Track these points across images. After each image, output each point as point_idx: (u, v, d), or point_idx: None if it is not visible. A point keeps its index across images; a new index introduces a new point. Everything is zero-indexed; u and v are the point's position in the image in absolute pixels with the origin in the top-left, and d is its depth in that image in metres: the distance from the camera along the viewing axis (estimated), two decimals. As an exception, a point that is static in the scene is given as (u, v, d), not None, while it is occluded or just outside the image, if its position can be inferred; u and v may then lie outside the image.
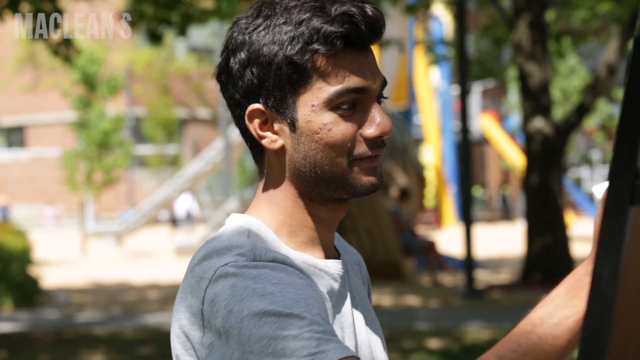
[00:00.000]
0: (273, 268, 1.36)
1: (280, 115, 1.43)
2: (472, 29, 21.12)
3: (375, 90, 1.43)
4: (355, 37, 1.39)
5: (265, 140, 1.44)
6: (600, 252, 1.02)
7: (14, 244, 13.33)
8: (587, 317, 1.01)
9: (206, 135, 38.06)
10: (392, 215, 14.98)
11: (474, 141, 31.42)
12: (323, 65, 1.40)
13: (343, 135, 1.40)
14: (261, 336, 1.28)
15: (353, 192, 1.44)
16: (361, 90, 1.41)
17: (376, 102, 1.44)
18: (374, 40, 1.43)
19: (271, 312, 1.29)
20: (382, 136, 1.43)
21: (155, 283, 14.98)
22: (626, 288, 1.02)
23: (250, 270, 1.34)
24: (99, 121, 22.84)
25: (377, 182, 1.45)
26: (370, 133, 1.42)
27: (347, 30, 1.39)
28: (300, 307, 1.31)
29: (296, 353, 1.27)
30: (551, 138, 13.25)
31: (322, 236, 1.48)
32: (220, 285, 1.34)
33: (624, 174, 1.02)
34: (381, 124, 1.42)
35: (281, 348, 1.27)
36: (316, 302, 1.35)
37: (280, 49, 1.40)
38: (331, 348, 1.28)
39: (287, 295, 1.32)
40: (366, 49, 1.43)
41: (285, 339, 1.28)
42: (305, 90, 1.41)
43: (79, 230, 23.85)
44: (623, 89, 1.03)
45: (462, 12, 13.29)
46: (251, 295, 1.31)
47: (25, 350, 9.20)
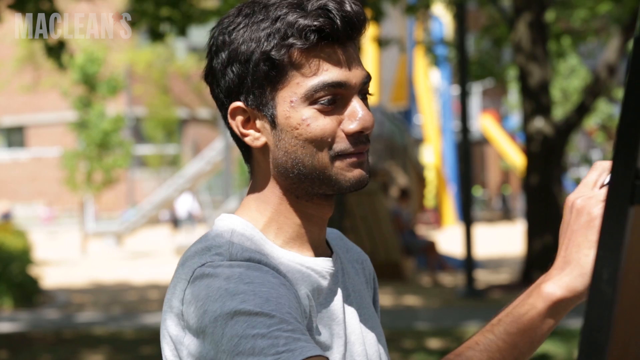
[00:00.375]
0: (248, 267, 1.37)
1: (261, 112, 1.43)
2: (472, 29, 21.12)
3: (356, 85, 1.43)
4: (330, 30, 1.39)
5: (248, 138, 1.45)
6: (600, 252, 1.02)
7: (14, 244, 13.32)
8: (587, 317, 1.01)
9: (206, 135, 38.06)
10: (392, 215, 14.98)
11: (474, 141, 31.41)
12: (299, 60, 1.40)
13: (322, 130, 1.40)
14: (232, 335, 1.30)
15: (338, 187, 1.44)
16: (339, 84, 1.41)
17: (357, 97, 1.43)
18: (353, 35, 1.42)
19: (242, 311, 1.31)
20: (364, 131, 1.42)
21: (155, 283, 14.98)
22: (626, 288, 1.02)
23: (225, 270, 1.36)
24: (99, 121, 22.84)
25: (364, 176, 1.44)
26: (351, 128, 1.42)
27: (322, 23, 1.39)
28: (270, 305, 1.32)
29: (264, 351, 1.28)
30: (551, 138, 13.25)
31: (310, 233, 1.48)
32: (197, 285, 1.36)
33: (624, 174, 1.02)
34: (362, 119, 1.42)
35: (250, 347, 1.29)
36: (288, 300, 1.36)
37: (258, 45, 1.41)
38: (299, 347, 1.29)
39: (259, 294, 1.33)
40: (345, 44, 1.42)
41: (254, 337, 1.29)
42: (283, 86, 1.41)
43: (79, 230, 23.85)
44: (623, 89, 1.03)
45: (462, 12, 13.30)
46: (224, 295, 1.32)
47: (25, 350, 9.20)
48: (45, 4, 9.22)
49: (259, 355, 1.28)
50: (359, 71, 1.43)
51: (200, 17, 11.28)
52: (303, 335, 1.32)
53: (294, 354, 1.28)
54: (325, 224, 1.50)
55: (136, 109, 36.93)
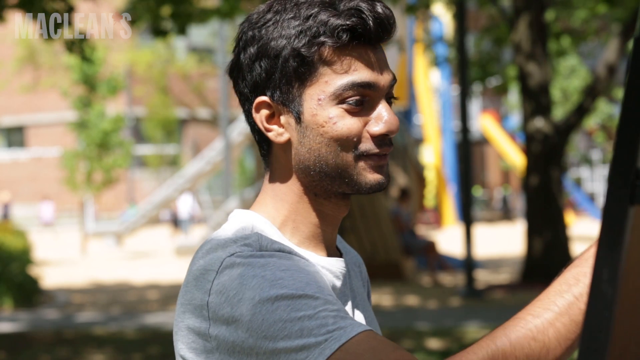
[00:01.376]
0: (280, 257, 1.36)
1: (287, 108, 1.43)
2: (472, 29, 21.12)
3: (384, 87, 1.43)
4: (363, 31, 1.40)
5: (271, 134, 1.45)
6: (600, 252, 1.02)
7: (14, 244, 13.32)
8: (587, 317, 1.01)
9: (206, 135, 38.06)
10: (392, 215, 14.97)
11: (474, 141, 31.42)
12: (329, 59, 1.41)
13: (348, 130, 1.40)
14: (275, 320, 1.28)
15: (357, 188, 1.44)
16: (368, 85, 1.41)
17: (384, 100, 1.44)
18: (383, 37, 1.43)
19: (283, 295, 1.29)
20: (389, 134, 1.43)
21: (155, 283, 14.98)
22: (626, 288, 1.02)
23: (258, 260, 1.34)
24: (99, 121, 22.84)
25: (384, 181, 1.44)
26: (376, 130, 1.42)
27: (354, 23, 1.39)
28: (312, 288, 1.31)
29: (314, 332, 1.27)
30: (551, 138, 13.25)
31: (325, 233, 1.48)
32: (227, 275, 1.33)
33: (624, 174, 1.02)
34: (388, 122, 1.42)
35: (298, 329, 1.27)
36: (326, 285, 1.36)
37: (288, 42, 1.41)
38: (348, 324, 1.28)
39: (298, 279, 1.32)
40: (375, 46, 1.43)
41: (301, 319, 1.28)
42: (311, 83, 1.41)
43: (79, 230, 23.85)
44: (623, 89, 1.03)
45: (462, 12, 13.29)
46: (261, 282, 1.31)
47: (25, 350, 9.20)
48: (58, 3, 9.26)
49: (309, 336, 1.27)
50: (387, 74, 1.44)
51: (200, 16, 11.28)
52: (347, 314, 1.31)
53: (345, 331, 1.27)
54: (339, 224, 1.50)
55: (136, 109, 36.93)
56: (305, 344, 1.27)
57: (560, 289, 1.27)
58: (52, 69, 30.47)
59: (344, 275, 1.48)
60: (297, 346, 1.27)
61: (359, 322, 1.30)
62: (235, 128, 26.00)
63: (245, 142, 26.21)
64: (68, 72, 24.02)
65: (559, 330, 1.25)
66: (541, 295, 1.29)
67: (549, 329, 1.25)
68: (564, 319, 1.25)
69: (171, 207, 27.01)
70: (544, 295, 1.28)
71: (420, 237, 15.83)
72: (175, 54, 34.95)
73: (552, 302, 1.26)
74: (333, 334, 1.26)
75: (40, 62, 31.19)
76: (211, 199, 32.15)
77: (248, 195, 24.87)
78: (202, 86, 34.96)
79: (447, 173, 29.40)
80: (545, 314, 1.26)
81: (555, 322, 1.25)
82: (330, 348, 1.26)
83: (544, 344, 1.25)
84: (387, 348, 1.28)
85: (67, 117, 28.89)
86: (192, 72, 34.59)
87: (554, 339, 1.25)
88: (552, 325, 1.25)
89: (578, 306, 1.25)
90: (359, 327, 1.28)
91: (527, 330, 1.25)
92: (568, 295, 1.26)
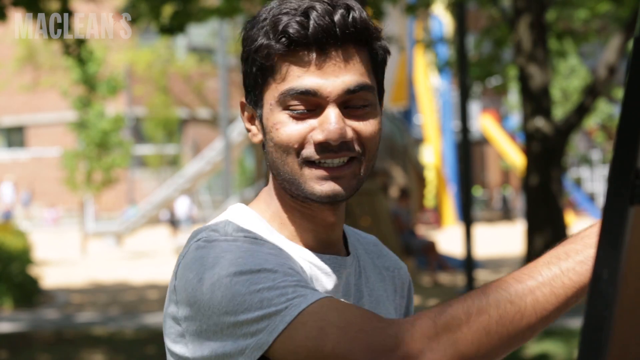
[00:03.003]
0: (244, 241, 1.37)
1: (255, 111, 1.47)
2: (472, 30, 21.11)
3: (332, 94, 1.40)
4: (300, 37, 1.38)
5: (250, 134, 1.49)
6: (600, 252, 1.02)
7: (14, 244, 13.32)
8: (587, 317, 1.01)
9: (206, 135, 38.04)
10: (392, 215, 14.97)
11: (474, 141, 31.40)
12: (278, 65, 1.41)
13: (287, 137, 1.40)
14: (234, 294, 1.29)
15: (308, 197, 1.43)
16: (308, 92, 1.39)
17: (334, 106, 1.40)
18: (329, 42, 1.39)
19: (241, 272, 1.30)
20: (329, 142, 1.40)
21: (155, 283, 14.98)
22: (626, 288, 1.01)
23: (220, 243, 1.36)
24: (98, 121, 22.83)
25: (333, 192, 1.41)
26: (316, 137, 1.40)
27: (294, 30, 1.38)
28: (270, 263, 1.32)
29: (274, 302, 1.27)
30: (551, 138, 13.24)
31: (316, 232, 1.47)
32: (189, 258, 1.36)
33: (624, 174, 1.02)
34: (327, 130, 1.39)
35: (257, 300, 1.28)
36: (290, 262, 1.36)
37: (251, 48, 1.43)
38: (309, 292, 1.29)
39: (257, 257, 1.33)
40: (326, 51, 1.40)
41: (260, 291, 1.28)
42: (267, 88, 1.43)
43: (79, 230, 23.84)
44: (623, 89, 1.03)
45: (462, 12, 13.29)
46: (220, 262, 1.32)
47: (25, 350, 9.19)
48: (56, 4, 9.26)
49: (269, 306, 1.27)
50: (343, 79, 1.40)
51: (200, 16, 11.27)
52: (309, 284, 1.32)
53: (305, 298, 1.27)
54: (335, 226, 1.49)
55: (136, 109, 36.92)
56: (266, 313, 1.27)
57: (549, 260, 1.28)
58: (52, 68, 30.45)
59: (336, 271, 1.47)
60: (258, 316, 1.27)
61: (320, 291, 1.30)
62: (235, 128, 25.99)
63: (245, 142, 26.20)
64: (68, 72, 23.99)
65: (538, 299, 1.25)
66: (530, 263, 1.29)
67: (527, 296, 1.25)
68: (545, 289, 1.25)
69: (169, 208, 27.01)
70: (532, 264, 1.29)
71: (420, 237, 15.83)
72: (175, 54, 34.94)
73: (537, 272, 1.27)
74: (293, 302, 1.27)
75: (40, 62, 31.17)
76: (211, 199, 32.13)
77: (248, 195, 24.87)
78: (202, 86, 34.95)
79: (447, 173, 29.39)
80: (528, 281, 1.26)
81: (536, 291, 1.25)
82: (290, 315, 1.26)
83: (520, 309, 1.25)
84: (351, 307, 1.29)
85: (67, 117, 28.88)
86: (192, 72, 34.58)
87: (530, 306, 1.25)
88: (531, 293, 1.25)
89: (562, 280, 1.26)
90: (320, 295, 1.29)
91: (507, 293, 1.25)
92: (555, 267, 1.27)
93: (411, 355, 1.22)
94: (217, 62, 29.19)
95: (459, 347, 1.23)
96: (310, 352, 1.25)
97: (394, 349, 1.23)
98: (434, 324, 1.24)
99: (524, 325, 1.25)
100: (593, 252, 1.24)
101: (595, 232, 1.27)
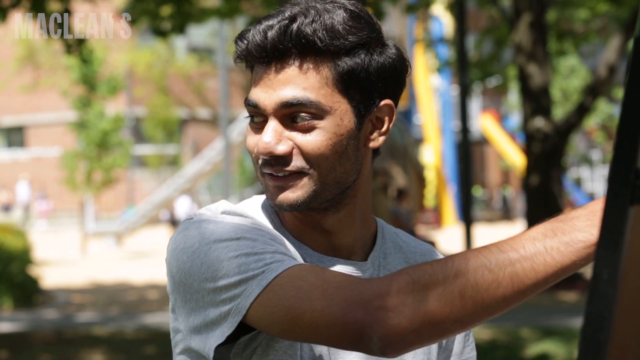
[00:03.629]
0: (233, 217, 1.40)
1: None
2: (473, 30, 21.11)
3: (267, 106, 1.40)
4: (240, 52, 1.42)
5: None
6: (600, 252, 1.02)
7: (14, 244, 13.31)
8: (587, 317, 1.01)
9: (206, 135, 38.04)
10: (392, 215, 14.96)
11: (474, 141, 31.41)
12: (250, 75, 1.45)
13: (248, 145, 1.44)
14: (212, 261, 1.31)
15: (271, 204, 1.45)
16: (250, 103, 1.42)
17: (274, 119, 1.40)
18: (269, 56, 1.39)
19: (221, 239, 1.33)
20: (259, 155, 1.41)
21: (155, 283, 14.98)
22: (626, 288, 1.01)
23: (209, 219, 1.39)
24: (98, 121, 22.82)
25: (285, 202, 1.40)
26: (254, 149, 1.44)
27: (238, 45, 1.42)
28: (251, 233, 1.34)
29: (251, 267, 1.29)
30: (551, 138, 13.24)
31: (317, 235, 1.46)
32: (180, 233, 1.39)
33: (624, 174, 1.02)
34: (259, 142, 1.40)
35: (235, 265, 1.30)
36: (273, 237, 1.37)
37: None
38: (286, 259, 1.31)
39: (240, 228, 1.35)
40: (270, 64, 1.40)
41: (238, 257, 1.30)
42: None
43: (79, 230, 23.85)
44: (623, 89, 1.03)
45: (462, 12, 13.29)
46: (203, 233, 1.35)
47: (25, 350, 9.19)
48: (56, 4, 9.27)
49: (246, 271, 1.29)
50: (276, 93, 1.39)
51: (200, 16, 11.27)
52: (289, 253, 1.34)
53: (283, 263, 1.29)
54: (334, 233, 1.46)
55: (136, 109, 36.92)
56: (244, 278, 1.29)
57: (534, 235, 1.28)
58: (52, 69, 30.45)
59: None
60: (236, 281, 1.29)
61: (300, 261, 1.33)
62: (235, 128, 25.99)
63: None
64: (68, 72, 23.99)
65: (517, 272, 1.25)
66: (517, 235, 1.30)
67: (507, 267, 1.25)
68: (525, 263, 1.25)
69: (169, 208, 27.01)
70: (518, 236, 1.29)
71: (420, 237, 15.82)
72: (175, 54, 34.95)
73: (521, 245, 1.27)
74: (270, 266, 1.29)
75: (40, 62, 31.17)
76: (211, 199, 32.12)
77: (248, 195, 24.86)
78: (202, 86, 34.95)
79: (447, 173, 29.40)
80: (510, 253, 1.26)
81: (516, 263, 1.25)
82: (266, 279, 1.28)
83: (497, 278, 1.25)
84: (332, 271, 1.31)
85: (67, 117, 28.88)
86: (192, 72, 34.58)
87: (508, 277, 1.25)
88: (511, 265, 1.25)
89: (544, 257, 1.26)
90: (299, 262, 1.31)
91: (487, 260, 1.25)
92: (539, 244, 1.27)
93: (386, 307, 1.24)
94: (217, 62, 29.20)
95: (431, 305, 1.24)
96: (288, 311, 1.26)
97: (371, 300, 1.25)
98: (412, 281, 1.25)
99: (499, 296, 1.25)
100: (580, 235, 1.25)
101: (586, 215, 1.26)
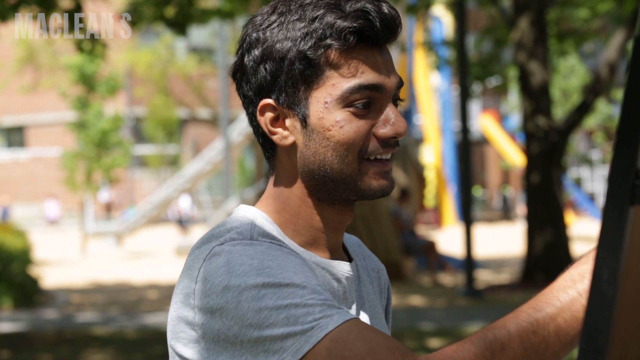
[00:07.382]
0: (269, 247, 1.35)
1: (292, 111, 1.42)
2: (473, 30, 21.11)
3: (391, 89, 1.41)
4: (369, 33, 1.38)
5: (276, 137, 1.43)
6: (600, 252, 1.02)
7: (14, 244, 13.32)
8: (587, 317, 1.01)
9: (206, 135, 38.05)
10: (392, 216, 14.97)
11: (474, 141, 31.41)
12: (336, 61, 1.39)
13: (355, 133, 1.39)
14: (260, 308, 1.26)
15: (362, 194, 1.42)
16: (375, 87, 1.39)
17: (391, 102, 1.42)
18: (390, 39, 1.41)
19: (270, 284, 1.27)
20: (396, 137, 1.41)
21: (155, 283, 14.98)
22: (626, 288, 1.01)
23: (246, 247, 1.33)
24: (97, 121, 22.83)
25: (388, 186, 1.42)
26: (383, 133, 1.40)
27: (361, 25, 1.37)
28: (299, 277, 1.29)
29: (300, 320, 1.25)
30: (551, 138, 13.25)
31: (328, 237, 1.46)
32: (214, 263, 1.32)
33: (624, 174, 1.01)
34: (395, 124, 1.41)
35: (284, 317, 1.26)
36: (316, 277, 1.34)
37: (294, 44, 1.39)
38: (335, 312, 1.26)
39: (285, 268, 1.30)
40: (381, 47, 1.41)
41: (287, 307, 1.26)
42: (318, 86, 1.40)
43: (79, 230, 23.85)
44: (623, 89, 1.03)
45: (462, 13, 13.29)
46: (248, 270, 1.29)
47: (25, 350, 9.20)
48: (67, 2, 9.30)
49: (295, 324, 1.25)
50: (394, 76, 1.42)
51: (201, 17, 11.27)
52: (335, 303, 1.29)
53: (332, 319, 1.25)
54: (343, 229, 1.48)
55: (136, 109, 36.93)
56: (291, 332, 1.25)
57: (564, 284, 1.25)
58: (52, 69, 30.46)
59: (347, 278, 1.46)
60: (282, 334, 1.25)
61: (347, 310, 1.29)
62: (235, 128, 25.99)
63: (245, 142, 26.20)
64: (67, 73, 24.00)
65: (560, 326, 1.23)
66: (545, 289, 1.27)
67: (549, 324, 1.23)
68: (565, 314, 1.23)
69: (176, 207, 27.04)
70: (548, 290, 1.26)
71: (420, 237, 15.82)
72: (175, 55, 34.96)
73: (555, 297, 1.25)
74: (320, 322, 1.25)
75: (40, 63, 31.18)
76: (211, 199, 32.14)
77: (248, 195, 24.85)
78: (202, 86, 34.95)
79: (447, 173, 29.40)
80: (547, 309, 1.24)
81: (557, 317, 1.23)
82: (316, 336, 1.24)
83: (544, 338, 1.23)
84: (378, 336, 1.27)
85: (67, 117, 28.89)
86: (193, 72, 34.59)
87: (553, 333, 1.23)
88: (553, 320, 1.23)
89: (581, 302, 1.24)
90: (347, 315, 1.26)
91: (528, 324, 1.23)
92: (572, 291, 1.24)
93: None
94: (217, 63, 29.18)
95: None
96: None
97: None
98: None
99: (550, 354, 1.24)
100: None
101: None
